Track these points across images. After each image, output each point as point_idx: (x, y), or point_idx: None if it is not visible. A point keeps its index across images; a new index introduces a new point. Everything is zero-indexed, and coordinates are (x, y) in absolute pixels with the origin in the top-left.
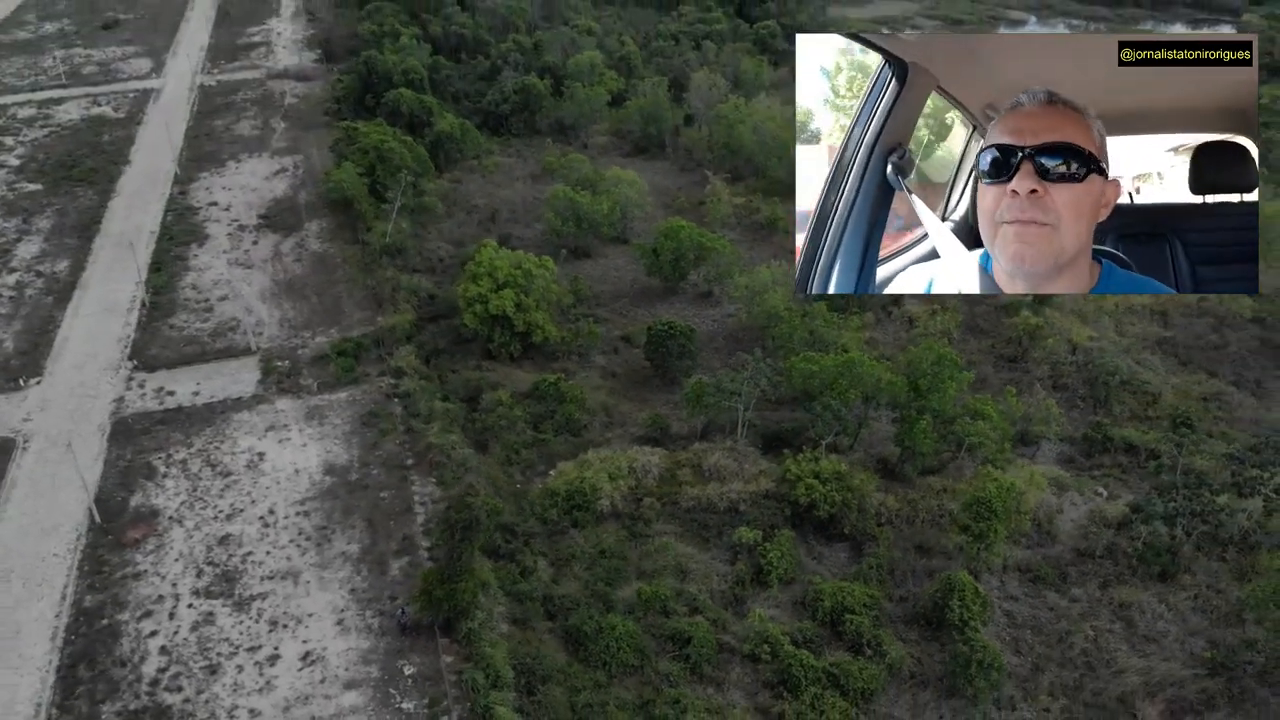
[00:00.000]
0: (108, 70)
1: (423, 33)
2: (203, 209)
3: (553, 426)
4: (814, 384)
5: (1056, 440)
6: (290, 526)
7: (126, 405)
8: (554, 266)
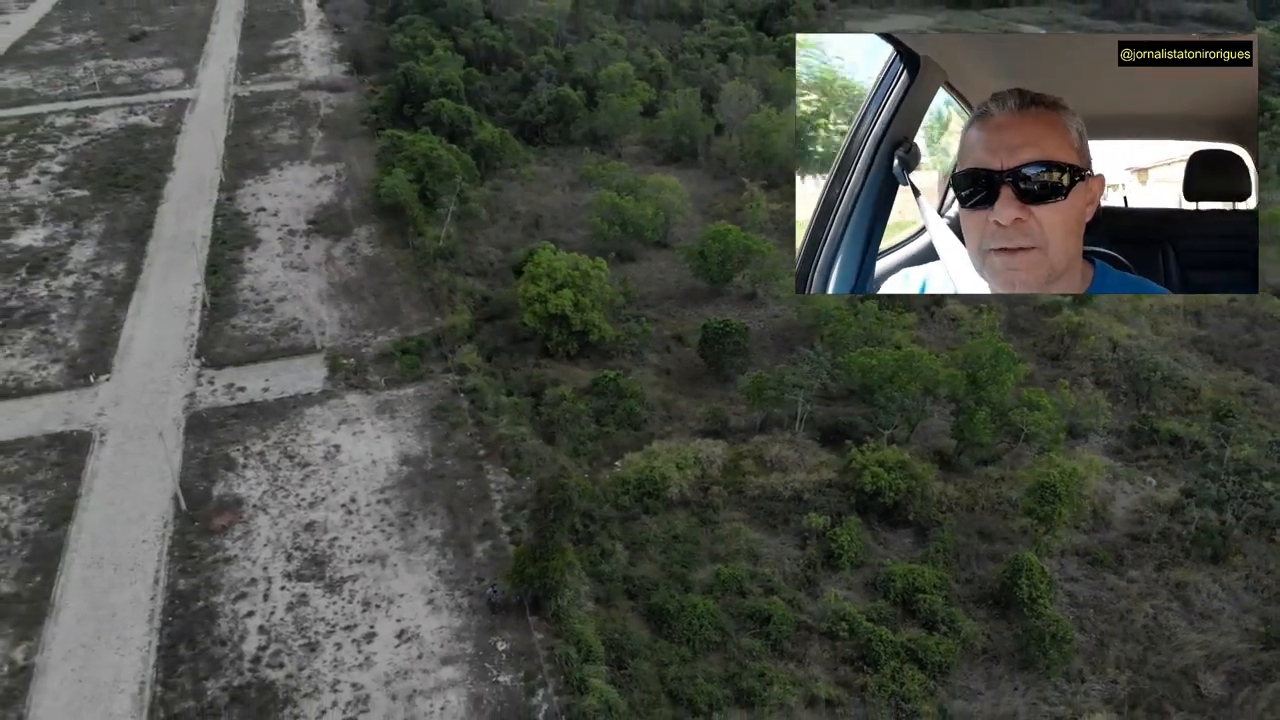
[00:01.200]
0: (140, 80)
1: (454, 45)
2: (251, 214)
3: (614, 420)
4: (873, 378)
5: (1104, 432)
6: (373, 513)
7: (199, 400)
8: (607, 268)
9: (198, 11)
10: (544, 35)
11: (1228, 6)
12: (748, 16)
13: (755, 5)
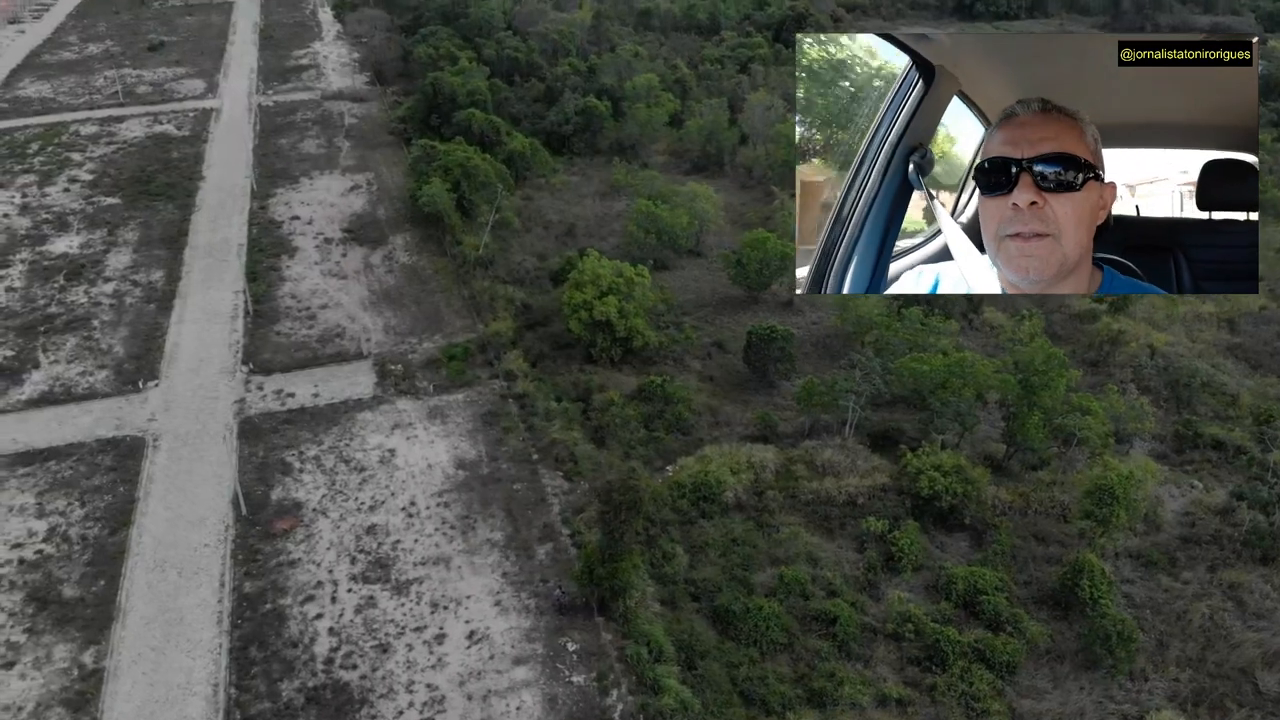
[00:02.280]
0: (162, 90)
1: (477, 56)
2: (285, 223)
3: (664, 425)
4: (925, 383)
5: (1148, 437)
6: (433, 516)
7: (249, 406)
8: (649, 275)
9: (214, 22)
10: (566, 47)
11: (1235, 20)
12: (765, 28)
13: (771, 18)
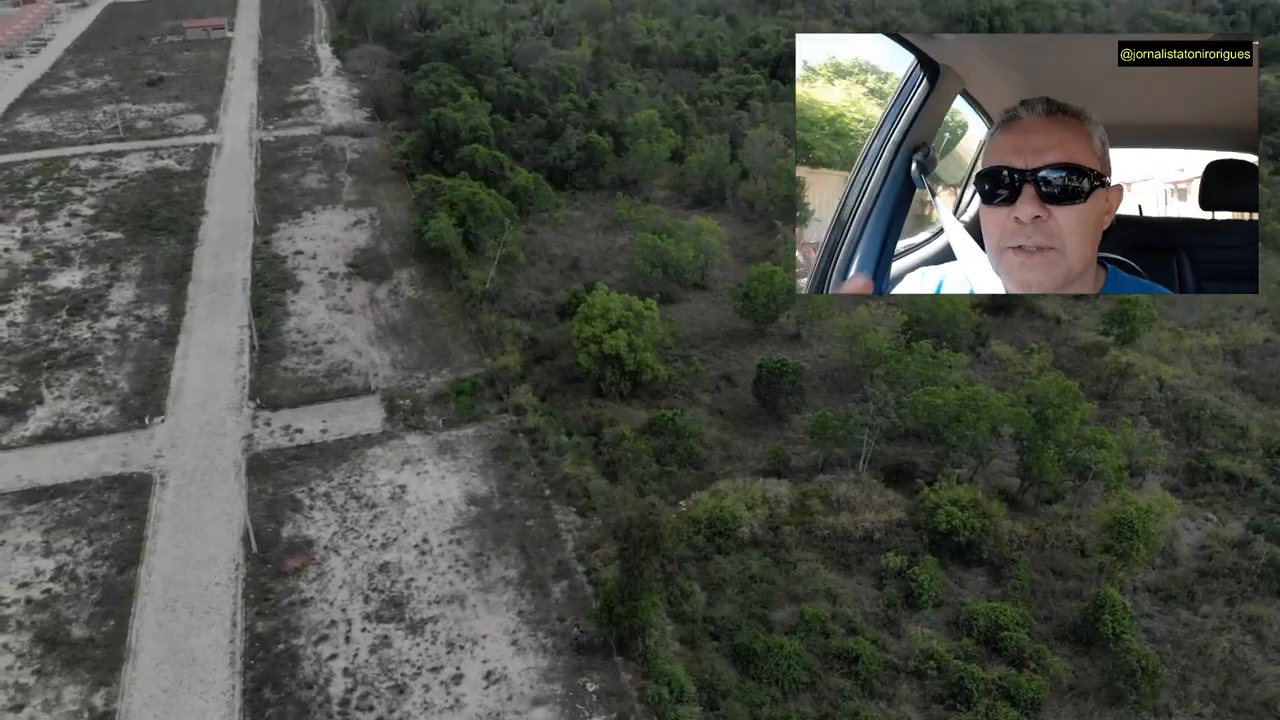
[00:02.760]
0: (162, 125)
1: (478, 92)
2: (289, 257)
3: (676, 459)
4: (939, 417)
5: (1160, 470)
6: (446, 554)
7: (257, 442)
8: (657, 309)
9: (213, 58)
10: (566, 83)
11: None
12: (761, 65)
13: (768, 54)
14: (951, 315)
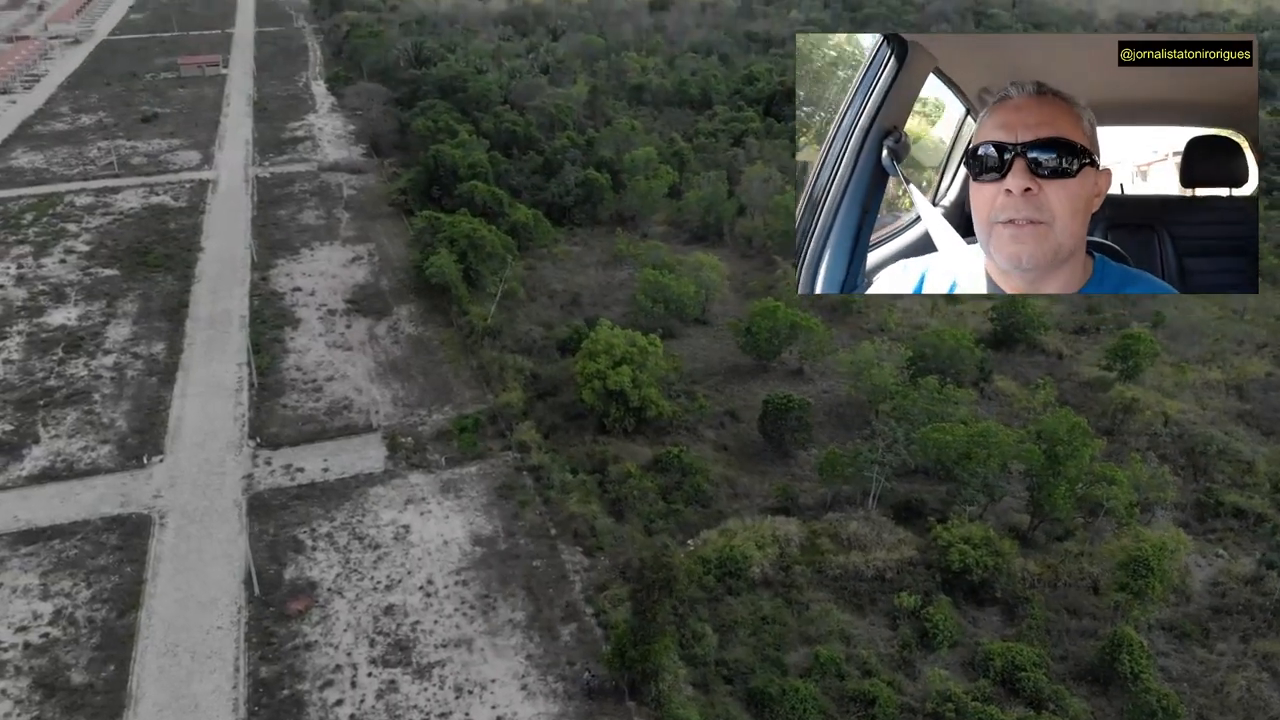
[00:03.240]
0: (157, 161)
1: (475, 129)
2: (287, 294)
3: (682, 497)
4: (948, 454)
5: (1169, 506)
6: (452, 596)
7: (258, 481)
8: (661, 345)
9: (207, 94)
10: (563, 121)
11: None
12: (754, 103)
13: (760, 92)
14: (955, 350)
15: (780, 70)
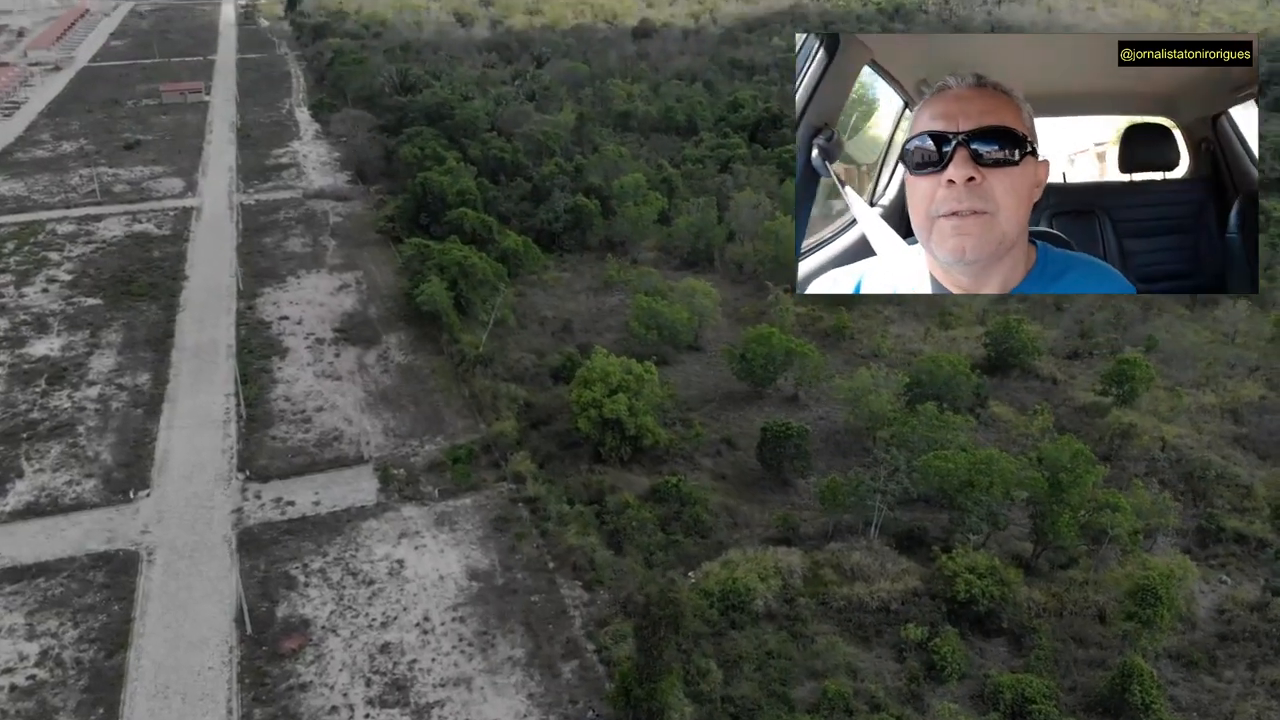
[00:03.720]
0: (140, 189)
1: (463, 156)
2: (274, 323)
3: (682, 527)
4: (950, 482)
5: (1171, 532)
6: (449, 633)
7: (247, 516)
8: (657, 372)
9: (190, 121)
10: (551, 147)
11: None
12: (740, 129)
13: (746, 119)
14: (952, 376)
15: (764, 97)
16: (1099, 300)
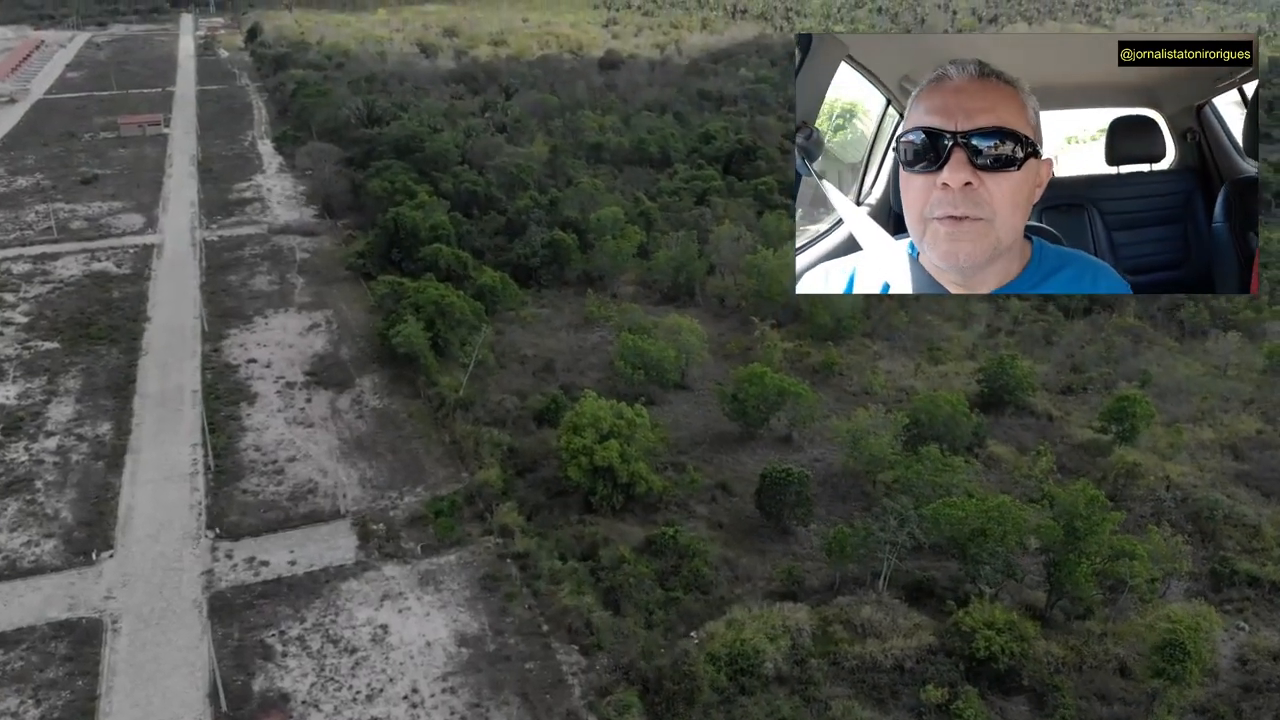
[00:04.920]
0: (98, 225)
1: (434, 190)
2: (242, 366)
3: (681, 582)
4: (962, 531)
5: (1184, 577)
6: (440, 705)
7: (219, 578)
8: (648, 415)
9: (149, 155)
10: (524, 180)
11: None
12: (714, 161)
13: (719, 151)
14: (952, 415)
15: (736, 129)
16: (1089, 333)
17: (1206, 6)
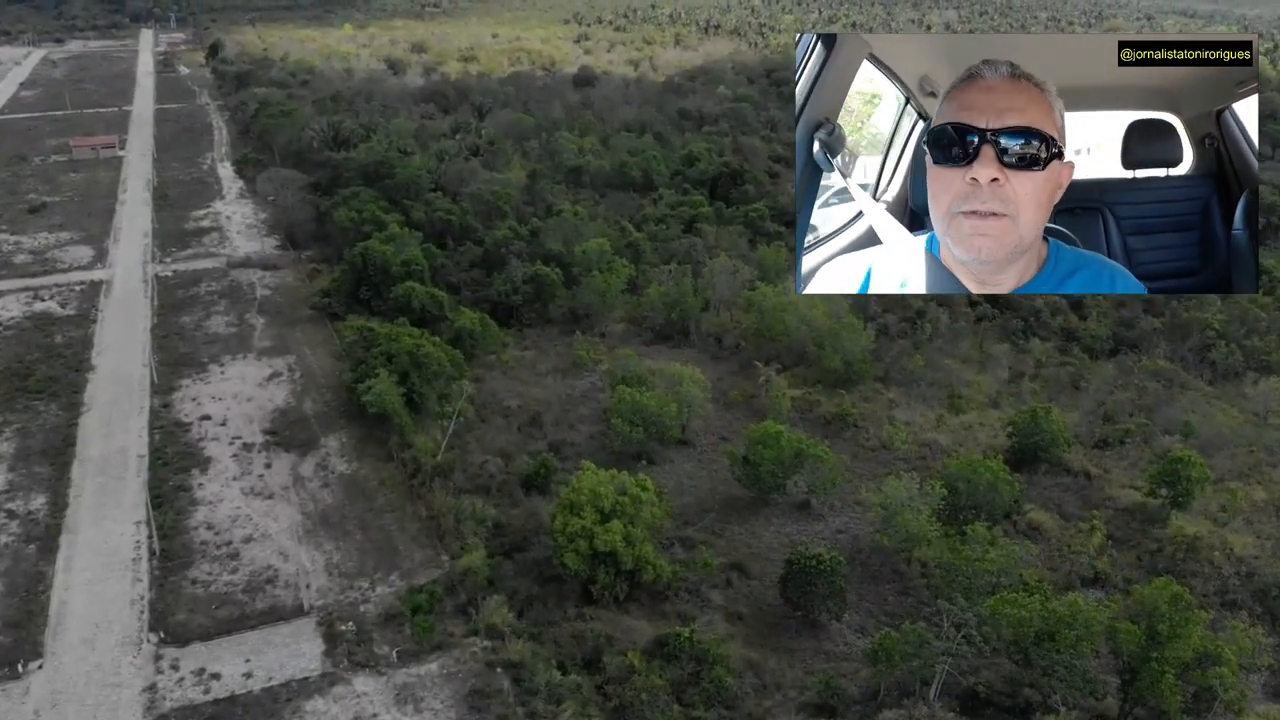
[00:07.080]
0: (44, 259)
1: (405, 219)
2: (194, 424)
3: (700, 696)
4: (1026, 633)
5: (1265, 671)
6: None
7: (163, 697)
8: (654, 486)
9: (102, 180)
10: (502, 208)
11: None
12: (699, 184)
13: (704, 174)
14: (992, 484)
15: (719, 150)
16: (1118, 376)
17: (1177, 20)
